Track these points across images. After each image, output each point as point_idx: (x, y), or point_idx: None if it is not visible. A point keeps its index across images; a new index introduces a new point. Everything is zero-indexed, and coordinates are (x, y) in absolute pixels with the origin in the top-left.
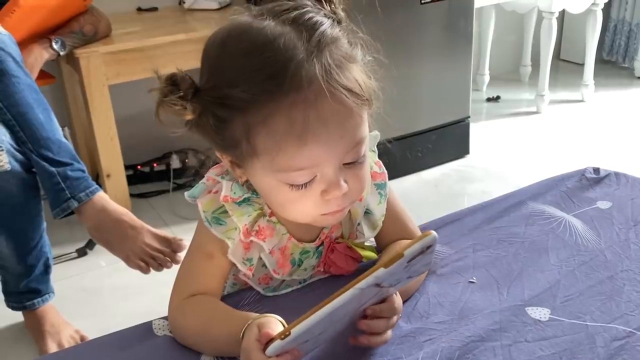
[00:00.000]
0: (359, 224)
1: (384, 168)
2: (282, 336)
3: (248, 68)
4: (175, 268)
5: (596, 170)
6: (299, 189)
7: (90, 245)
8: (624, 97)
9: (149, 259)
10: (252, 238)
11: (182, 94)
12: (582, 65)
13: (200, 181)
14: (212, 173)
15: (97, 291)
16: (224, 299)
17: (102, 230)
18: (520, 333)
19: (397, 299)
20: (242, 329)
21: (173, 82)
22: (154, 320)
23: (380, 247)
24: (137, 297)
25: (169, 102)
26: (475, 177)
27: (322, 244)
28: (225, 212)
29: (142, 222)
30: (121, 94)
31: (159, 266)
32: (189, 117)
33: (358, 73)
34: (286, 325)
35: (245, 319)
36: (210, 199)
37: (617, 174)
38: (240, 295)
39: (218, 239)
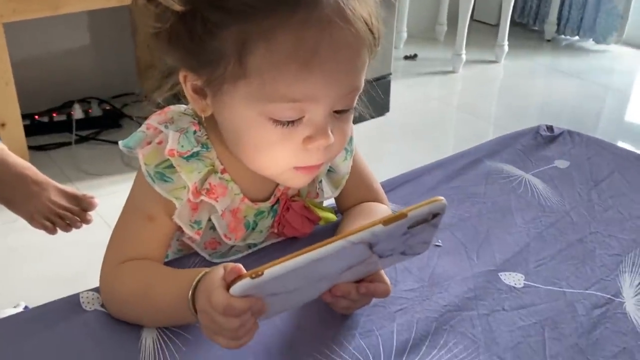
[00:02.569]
0: (320, 182)
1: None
2: (254, 275)
3: None
4: (85, 228)
5: (549, 128)
6: (283, 126)
7: None
8: (535, 59)
9: (55, 219)
10: (202, 197)
11: None
12: (495, 26)
13: (138, 129)
14: (153, 121)
15: None
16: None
17: (1, 186)
18: (496, 301)
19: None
20: (191, 282)
21: None
22: (82, 292)
23: (341, 209)
24: (37, 260)
25: None
26: (395, 136)
27: (277, 202)
28: (171, 167)
29: (47, 178)
30: (17, 34)
31: (67, 226)
32: (177, 7)
33: (372, 8)
34: None
35: (195, 273)
36: (154, 151)
37: (570, 132)
38: (183, 262)
39: (161, 197)
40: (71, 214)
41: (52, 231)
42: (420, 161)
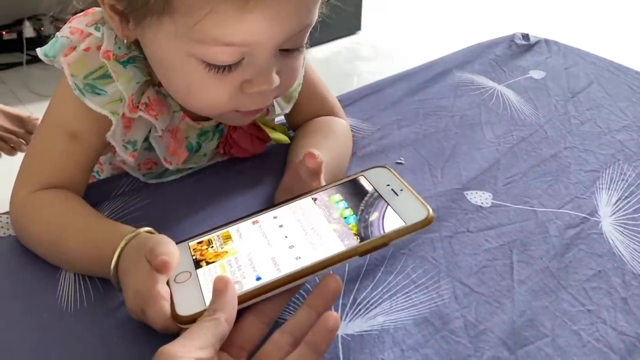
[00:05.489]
0: None
1: None
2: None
3: None
4: None
5: (525, 37)
6: (217, 72)
7: None
8: None
9: None
10: (140, 113)
11: None
12: None
13: (59, 34)
14: (79, 23)
15: None
16: (90, 188)
17: None
18: (461, 222)
19: None
20: (110, 249)
21: None
22: None
23: (293, 126)
24: None
25: None
26: (367, 56)
27: None
28: (104, 77)
29: None
30: None
31: (12, 150)
32: None
33: None
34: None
35: (113, 236)
36: (81, 58)
37: (547, 41)
38: (114, 183)
39: (90, 113)
40: (16, 137)
41: None
42: None
